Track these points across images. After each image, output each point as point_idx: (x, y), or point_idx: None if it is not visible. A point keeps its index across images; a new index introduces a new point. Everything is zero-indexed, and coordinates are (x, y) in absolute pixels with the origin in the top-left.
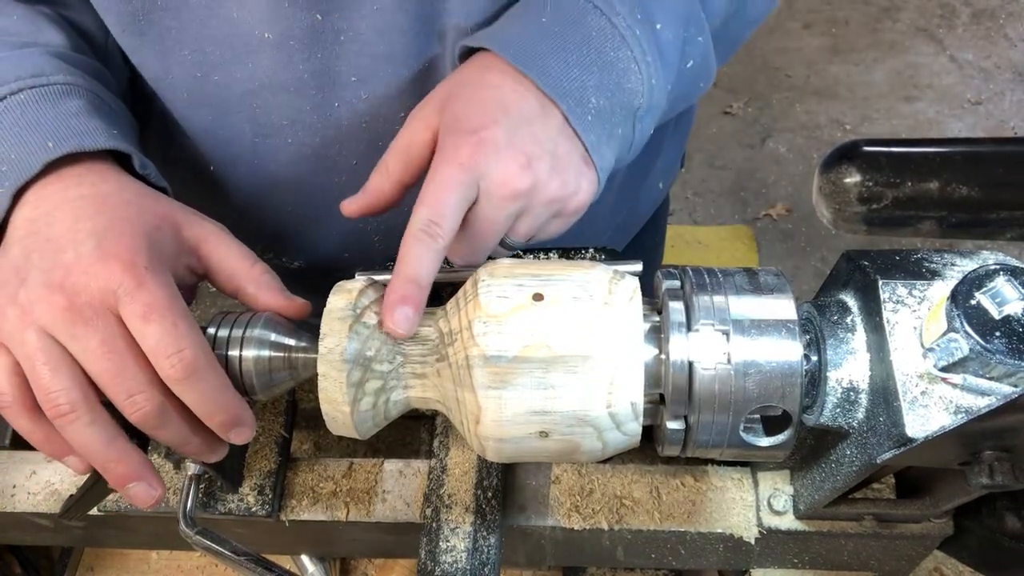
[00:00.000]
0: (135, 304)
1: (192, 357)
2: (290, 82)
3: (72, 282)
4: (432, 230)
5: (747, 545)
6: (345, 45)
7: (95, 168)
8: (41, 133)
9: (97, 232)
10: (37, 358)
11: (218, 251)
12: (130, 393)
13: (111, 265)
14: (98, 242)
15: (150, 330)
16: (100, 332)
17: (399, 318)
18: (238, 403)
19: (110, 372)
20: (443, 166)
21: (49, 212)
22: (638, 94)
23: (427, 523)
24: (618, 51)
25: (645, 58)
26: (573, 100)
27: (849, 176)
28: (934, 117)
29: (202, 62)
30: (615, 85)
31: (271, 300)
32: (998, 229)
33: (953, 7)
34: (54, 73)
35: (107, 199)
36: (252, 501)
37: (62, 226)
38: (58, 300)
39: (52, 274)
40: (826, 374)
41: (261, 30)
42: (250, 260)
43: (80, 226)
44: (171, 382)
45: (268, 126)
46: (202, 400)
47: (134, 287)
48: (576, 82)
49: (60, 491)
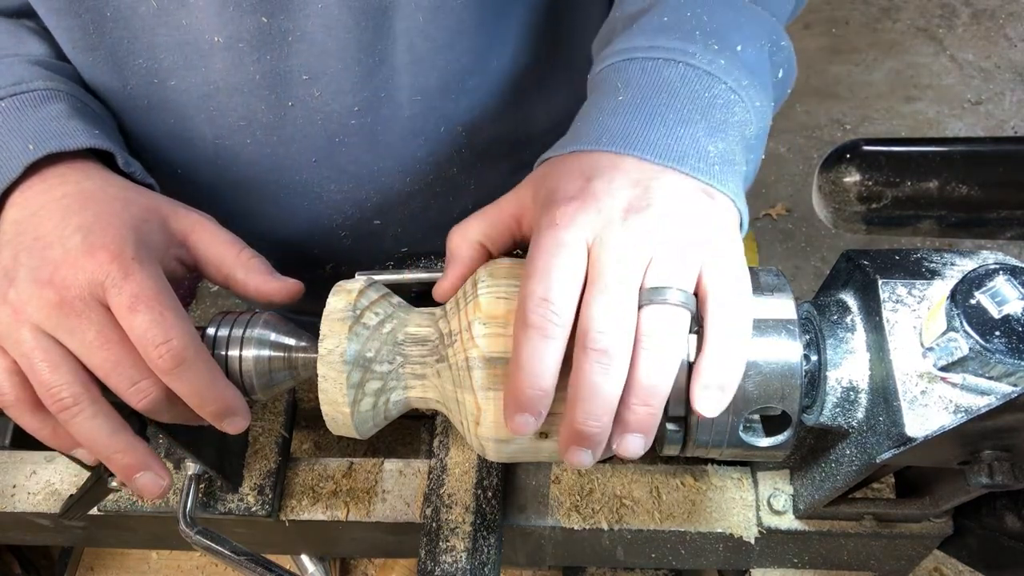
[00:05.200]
0: (122, 295)
1: (180, 347)
2: (243, 84)
3: (61, 276)
4: (542, 314)
5: (747, 545)
6: (294, 45)
7: (78, 167)
8: (22, 138)
9: (83, 227)
10: (35, 355)
11: (204, 240)
12: (133, 381)
13: (98, 256)
14: (84, 236)
15: (137, 320)
16: (94, 324)
17: (519, 425)
18: (230, 393)
19: (110, 363)
20: (539, 234)
21: (35, 212)
22: (748, 123)
23: (427, 523)
24: (711, 89)
25: (741, 84)
26: (693, 158)
27: (849, 176)
28: (934, 117)
29: (157, 69)
30: (723, 123)
31: (261, 284)
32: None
33: (953, 7)
34: (34, 80)
35: (93, 195)
36: (252, 501)
37: (49, 224)
38: (49, 296)
39: (41, 271)
40: (826, 374)
41: (211, 34)
42: (237, 246)
43: (67, 222)
44: (160, 373)
45: (226, 128)
46: (192, 390)
47: (121, 277)
48: (687, 139)
49: (60, 491)
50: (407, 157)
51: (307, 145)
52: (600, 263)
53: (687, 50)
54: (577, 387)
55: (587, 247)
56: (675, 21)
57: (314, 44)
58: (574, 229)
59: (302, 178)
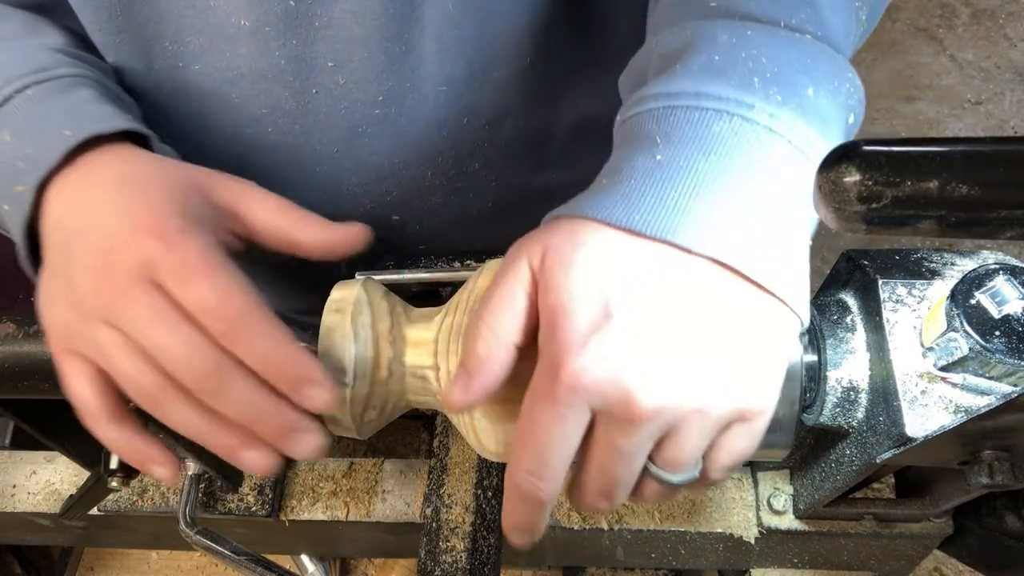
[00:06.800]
0: (172, 268)
1: (236, 308)
2: (268, 69)
3: (111, 264)
4: (530, 484)
5: (747, 545)
6: (320, 31)
7: (116, 152)
8: (55, 124)
9: (122, 208)
10: (113, 353)
11: (253, 209)
12: (189, 352)
13: (142, 237)
14: (123, 217)
15: (189, 293)
16: (146, 305)
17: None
18: (302, 356)
19: (164, 338)
20: (534, 396)
21: (78, 207)
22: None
23: (427, 523)
24: (772, 151)
25: (807, 140)
26: (738, 252)
27: (849, 175)
28: (934, 117)
29: (182, 52)
30: (781, 193)
31: (323, 240)
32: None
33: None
34: (57, 67)
35: (130, 178)
36: (252, 501)
37: (93, 217)
38: (103, 287)
39: (91, 265)
40: (826, 374)
41: (238, 17)
42: (288, 209)
43: (105, 208)
44: (220, 339)
45: (248, 115)
46: (257, 354)
47: (167, 251)
48: (736, 228)
49: (60, 491)
50: (430, 150)
51: (329, 135)
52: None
53: (744, 102)
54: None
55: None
56: (728, 63)
57: (341, 30)
58: (579, 397)
59: (322, 170)
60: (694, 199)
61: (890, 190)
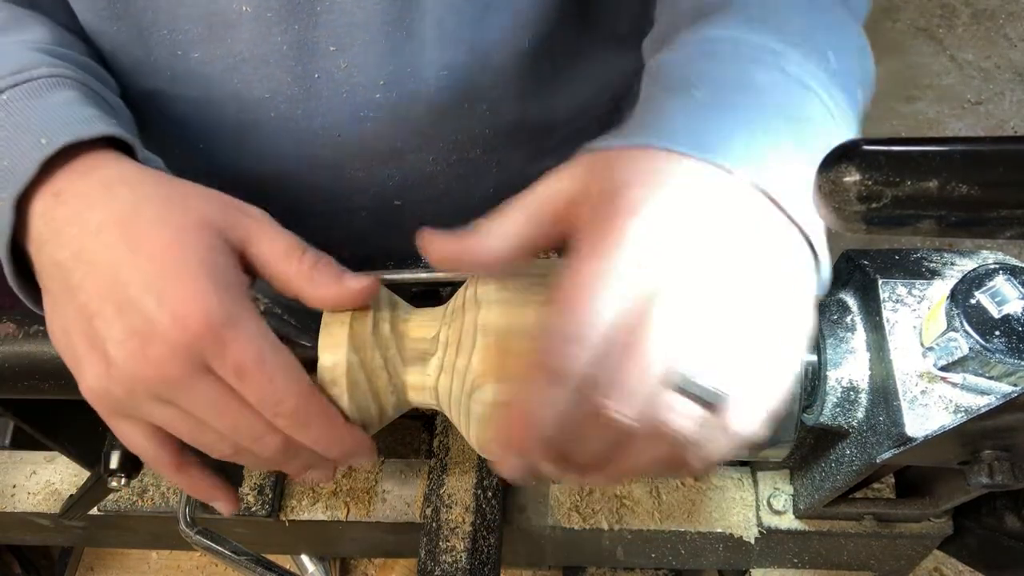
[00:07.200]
0: (226, 367)
1: (294, 407)
2: (269, 55)
3: (157, 355)
4: (557, 360)
5: (747, 545)
6: (322, 15)
7: (101, 162)
8: (32, 132)
9: (152, 284)
10: (176, 426)
11: (263, 252)
12: (254, 438)
13: (187, 331)
14: (159, 298)
15: (247, 389)
16: (205, 396)
17: (505, 469)
18: (350, 435)
19: (228, 427)
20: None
21: (68, 241)
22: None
23: (427, 523)
24: (807, 106)
25: (838, 103)
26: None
27: (849, 175)
28: (934, 117)
29: (181, 40)
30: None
31: (330, 296)
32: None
33: (953, 7)
34: (36, 67)
35: (131, 219)
36: (252, 501)
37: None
38: (150, 374)
39: (130, 347)
40: (826, 373)
41: (239, 4)
42: (297, 255)
43: (124, 270)
44: (286, 431)
45: (250, 101)
46: (314, 440)
47: (219, 350)
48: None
49: (60, 491)
50: (431, 135)
51: (331, 120)
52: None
53: (778, 50)
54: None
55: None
56: (762, 16)
57: (343, 14)
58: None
59: (325, 154)
60: (735, 129)
61: (890, 190)
